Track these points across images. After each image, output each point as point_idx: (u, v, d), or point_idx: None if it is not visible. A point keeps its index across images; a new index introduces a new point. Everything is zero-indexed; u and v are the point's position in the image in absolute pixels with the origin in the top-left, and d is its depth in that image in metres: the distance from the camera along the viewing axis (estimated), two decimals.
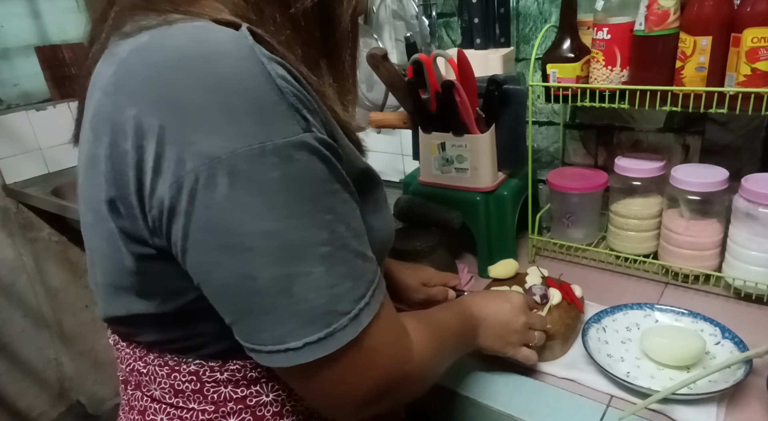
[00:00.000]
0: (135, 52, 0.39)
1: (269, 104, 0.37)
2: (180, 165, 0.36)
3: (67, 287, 1.85)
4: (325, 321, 0.39)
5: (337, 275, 0.39)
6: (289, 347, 0.39)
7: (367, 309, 0.41)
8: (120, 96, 0.39)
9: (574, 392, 0.71)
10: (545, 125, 1.13)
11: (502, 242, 0.98)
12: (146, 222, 0.40)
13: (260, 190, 0.37)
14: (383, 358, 0.43)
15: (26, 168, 1.71)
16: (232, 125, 0.36)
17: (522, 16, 1.07)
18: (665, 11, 0.76)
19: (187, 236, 0.38)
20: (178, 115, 0.37)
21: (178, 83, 0.37)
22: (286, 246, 0.38)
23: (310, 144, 0.38)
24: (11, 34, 1.74)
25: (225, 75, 0.37)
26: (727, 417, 0.65)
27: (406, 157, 1.43)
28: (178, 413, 0.50)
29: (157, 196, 0.38)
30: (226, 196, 0.36)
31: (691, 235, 0.88)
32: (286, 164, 0.37)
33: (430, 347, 0.49)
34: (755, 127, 0.91)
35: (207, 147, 0.36)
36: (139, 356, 0.51)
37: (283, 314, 0.38)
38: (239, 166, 0.36)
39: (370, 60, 0.84)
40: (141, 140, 0.38)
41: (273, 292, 0.38)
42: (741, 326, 0.75)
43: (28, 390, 1.85)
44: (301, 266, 0.38)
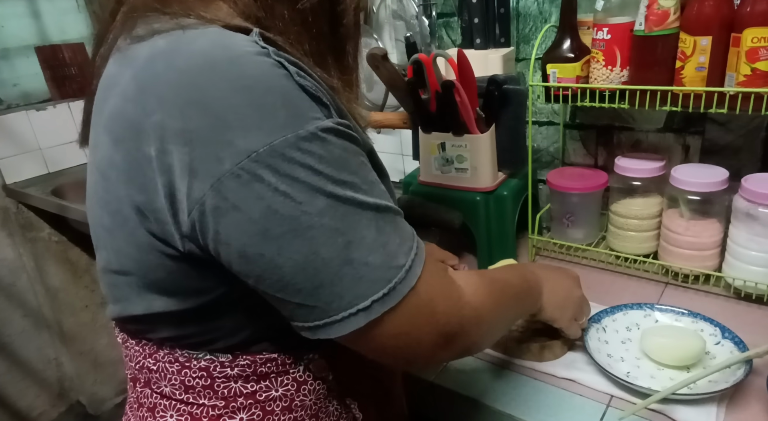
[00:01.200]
0: (158, 58, 0.40)
1: (295, 98, 0.40)
2: (218, 164, 0.38)
3: (67, 287, 1.85)
4: (386, 277, 0.42)
5: (386, 233, 0.42)
6: (360, 308, 0.41)
7: (417, 259, 0.44)
8: (144, 101, 0.40)
9: (574, 392, 0.71)
10: (545, 125, 1.13)
11: (502, 242, 0.98)
12: (178, 226, 0.41)
13: (303, 173, 0.39)
14: (440, 303, 0.46)
15: (26, 168, 1.71)
16: (265, 121, 0.38)
17: (522, 16, 1.07)
18: (665, 11, 0.76)
19: (243, 230, 0.39)
20: (210, 118, 0.38)
21: (209, 87, 0.38)
22: (339, 217, 0.40)
23: (335, 128, 0.41)
24: (11, 34, 1.74)
25: (252, 76, 0.39)
26: (727, 417, 0.65)
27: (406, 157, 1.43)
28: (188, 409, 0.51)
29: (195, 198, 0.39)
30: (274, 184, 0.38)
31: (691, 235, 0.88)
32: (321, 146, 0.40)
33: (482, 296, 0.51)
34: (755, 127, 0.91)
35: (244, 144, 0.38)
36: (149, 354, 0.51)
37: (350, 280, 0.41)
38: (278, 155, 0.38)
39: (370, 60, 0.84)
40: (168, 145, 0.39)
41: (336, 262, 0.40)
42: (741, 326, 0.75)
43: (28, 390, 1.85)
44: (355, 233, 0.41)
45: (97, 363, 1.98)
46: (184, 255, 0.43)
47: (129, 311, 0.49)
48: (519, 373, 0.76)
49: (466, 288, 0.49)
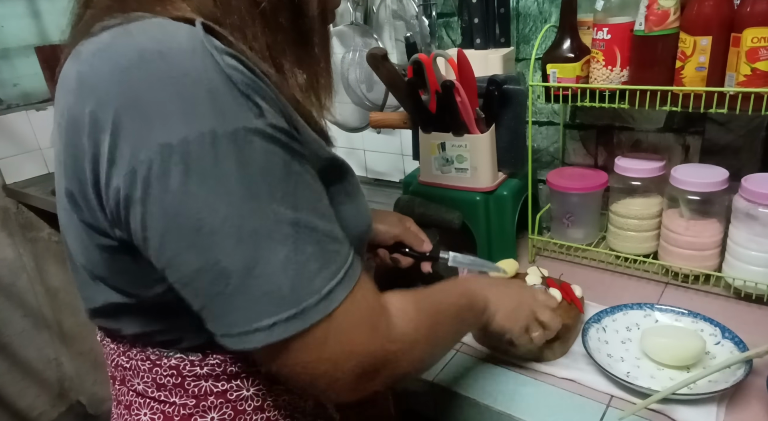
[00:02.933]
0: (98, 53, 0.41)
1: (221, 94, 0.38)
2: (134, 155, 0.37)
3: (67, 287, 1.85)
4: (293, 300, 0.39)
5: (303, 255, 0.40)
6: (258, 327, 0.39)
7: (339, 288, 0.41)
8: (81, 94, 0.40)
9: (574, 392, 0.71)
10: (545, 125, 1.13)
11: (502, 241, 0.98)
12: (105, 214, 0.41)
13: (215, 175, 0.37)
14: (361, 337, 0.43)
15: (26, 168, 1.71)
16: (184, 114, 0.37)
17: (522, 16, 1.07)
18: (665, 11, 0.76)
19: (146, 224, 0.39)
20: (133, 109, 0.38)
21: (136, 79, 0.38)
22: (246, 229, 0.38)
23: (264, 130, 0.39)
24: (11, 34, 1.74)
25: (179, 69, 0.38)
26: (727, 417, 0.65)
27: (406, 157, 1.43)
28: (161, 408, 0.51)
29: (113, 187, 0.39)
30: (181, 183, 0.37)
31: (691, 235, 0.88)
32: (239, 149, 0.38)
33: (417, 325, 0.49)
34: (755, 127, 0.91)
35: (160, 136, 0.37)
36: (123, 351, 0.52)
37: (250, 296, 0.39)
38: (192, 153, 0.37)
39: (370, 60, 0.84)
40: (97, 134, 0.39)
41: (237, 274, 0.38)
42: (741, 326, 0.75)
43: (28, 390, 1.86)
44: (263, 248, 0.38)
45: (97, 363, 1.98)
46: (120, 246, 0.43)
47: (91, 303, 0.50)
48: (519, 373, 0.75)
49: (398, 318, 0.47)
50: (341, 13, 1.32)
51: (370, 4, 1.28)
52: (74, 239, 0.46)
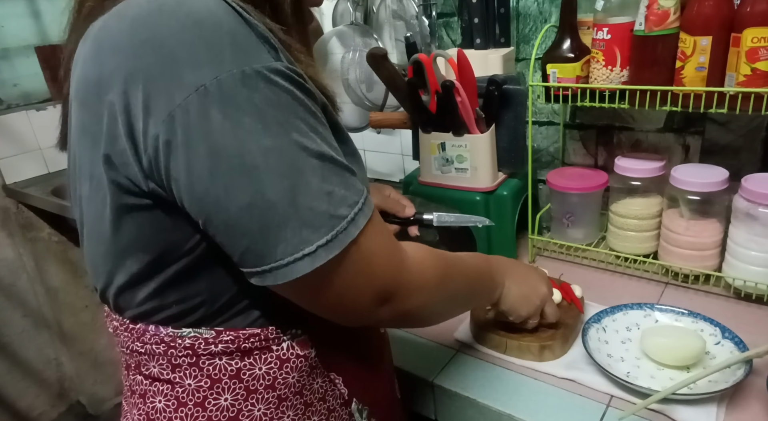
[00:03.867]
0: (109, 17, 0.42)
1: (243, 36, 0.40)
2: (170, 100, 0.39)
3: (67, 287, 1.85)
4: (329, 224, 0.42)
5: (331, 183, 0.42)
6: (305, 253, 0.41)
7: (361, 214, 0.44)
8: (101, 56, 0.41)
9: (574, 392, 0.71)
10: (545, 125, 1.13)
11: (502, 241, 0.98)
12: (140, 166, 0.42)
13: (248, 111, 0.39)
14: (379, 260, 0.46)
15: (26, 168, 1.71)
16: (213, 56, 0.39)
17: (522, 16, 1.07)
18: (665, 11, 0.76)
19: (191, 167, 0.40)
20: (161, 56, 0.39)
21: (159, 26, 0.39)
22: (284, 161, 0.40)
23: (284, 71, 0.41)
24: (11, 34, 1.74)
25: (201, 14, 0.40)
26: (727, 417, 0.65)
27: (406, 157, 1.43)
28: (175, 394, 0.52)
29: (151, 135, 0.40)
30: (219, 121, 0.39)
31: (691, 235, 0.88)
32: (266, 86, 0.40)
33: (427, 266, 0.52)
34: (755, 127, 0.91)
35: (192, 78, 0.38)
36: (137, 337, 0.52)
37: (295, 223, 0.41)
38: (225, 91, 0.39)
39: (370, 60, 0.84)
40: (125, 87, 0.40)
41: (282, 204, 0.40)
42: (741, 326, 0.75)
43: (28, 390, 1.86)
44: (300, 177, 0.41)
45: (97, 363, 1.98)
46: (152, 202, 0.44)
47: (111, 281, 0.50)
48: (519, 373, 0.76)
49: (410, 255, 0.50)
50: (341, 13, 1.32)
51: (370, 4, 1.28)
52: (100, 209, 0.46)
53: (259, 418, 0.53)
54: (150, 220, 0.45)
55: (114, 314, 0.54)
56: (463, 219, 0.84)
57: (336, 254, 0.42)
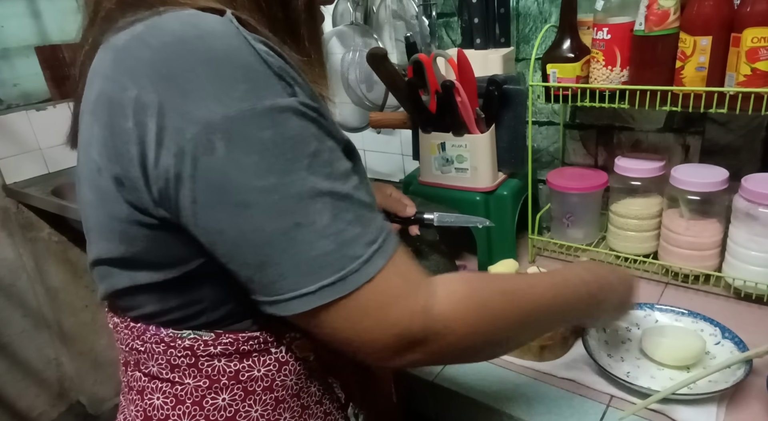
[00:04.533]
0: (134, 39, 0.43)
1: (257, 73, 0.41)
2: (180, 134, 0.39)
3: (67, 287, 1.85)
4: (337, 265, 0.41)
5: (343, 222, 0.42)
6: (305, 292, 0.41)
7: (379, 253, 0.43)
8: (120, 78, 0.42)
9: (574, 392, 0.71)
10: (545, 125, 1.13)
11: (502, 242, 0.98)
12: (150, 194, 0.43)
13: (255, 149, 0.40)
14: (398, 305, 0.43)
15: (26, 168, 1.71)
16: (224, 92, 0.40)
17: (522, 16, 1.07)
18: (665, 11, 0.76)
19: (195, 199, 0.41)
20: (176, 90, 0.40)
21: (177, 61, 0.40)
22: (289, 198, 0.40)
23: (297, 108, 0.42)
24: (11, 34, 1.74)
25: (218, 51, 0.41)
26: (727, 417, 0.65)
27: (406, 157, 1.43)
28: (173, 391, 0.52)
29: (162, 167, 0.41)
30: (225, 157, 0.39)
31: (691, 235, 0.88)
32: (276, 124, 0.40)
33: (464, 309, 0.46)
34: (755, 127, 0.91)
35: (203, 114, 0.39)
36: (137, 335, 0.52)
37: (295, 261, 0.41)
38: (233, 129, 0.39)
39: (370, 60, 0.84)
40: (142, 117, 0.40)
41: (282, 242, 0.41)
42: (741, 326, 0.75)
43: (28, 390, 1.85)
44: (304, 216, 0.41)
45: (97, 363, 1.98)
46: (161, 223, 0.44)
47: (114, 285, 0.50)
48: (519, 373, 0.76)
49: (443, 297, 0.45)
50: (341, 13, 1.32)
51: (370, 4, 1.28)
52: (110, 220, 0.46)
53: (256, 419, 0.53)
54: (158, 236, 0.45)
55: (115, 312, 0.55)
56: (463, 219, 0.84)
57: (344, 294, 0.41)
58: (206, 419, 0.52)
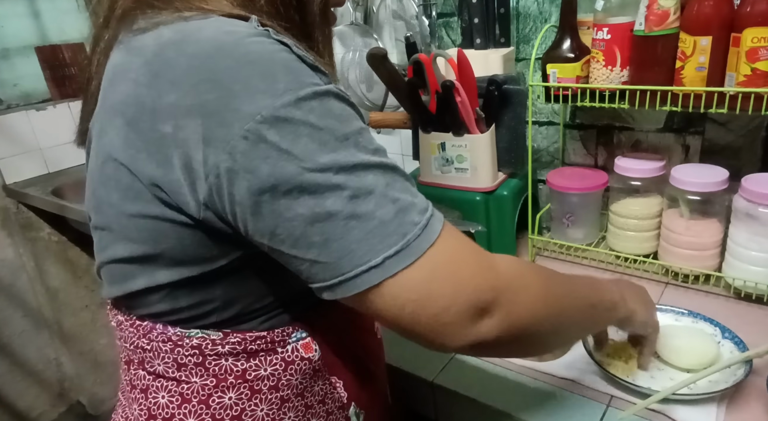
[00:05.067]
0: (168, 46, 0.43)
1: (295, 67, 0.43)
2: (229, 130, 0.40)
3: (67, 287, 1.85)
4: (398, 232, 0.41)
5: (395, 190, 0.43)
6: (371, 265, 0.41)
7: (434, 219, 0.43)
8: (158, 86, 0.43)
9: (574, 392, 0.71)
10: (545, 125, 1.13)
11: (502, 241, 0.98)
12: (195, 195, 0.43)
13: (304, 132, 0.41)
14: (467, 268, 0.43)
15: (26, 168, 1.71)
16: (268, 87, 0.41)
17: (522, 16, 1.07)
18: (665, 11, 0.76)
19: (254, 188, 0.41)
20: (219, 90, 0.41)
21: (217, 65, 0.41)
22: (344, 173, 0.41)
23: (336, 92, 0.44)
24: (11, 34, 1.74)
25: (255, 53, 0.42)
26: (727, 417, 0.65)
27: (406, 157, 1.43)
28: (179, 390, 0.52)
29: (210, 164, 0.41)
30: (278, 144, 0.40)
31: (691, 235, 0.88)
32: (321, 106, 0.42)
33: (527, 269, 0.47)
34: (755, 127, 0.91)
35: (249, 109, 0.40)
36: (143, 334, 0.52)
37: (358, 234, 0.41)
38: (281, 116, 0.40)
39: (370, 60, 0.84)
40: (182, 121, 0.41)
41: (343, 216, 0.41)
42: (741, 326, 0.75)
43: (28, 390, 1.85)
44: (361, 187, 0.41)
45: (97, 363, 1.98)
46: (197, 223, 0.45)
47: (130, 287, 0.50)
48: (519, 373, 0.76)
49: (499, 257, 0.46)
50: (341, 13, 1.32)
51: (370, 4, 1.28)
52: (134, 218, 0.46)
53: (261, 418, 0.53)
54: (191, 235, 0.46)
55: (120, 309, 0.55)
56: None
57: (410, 262, 0.41)
58: (212, 417, 0.52)
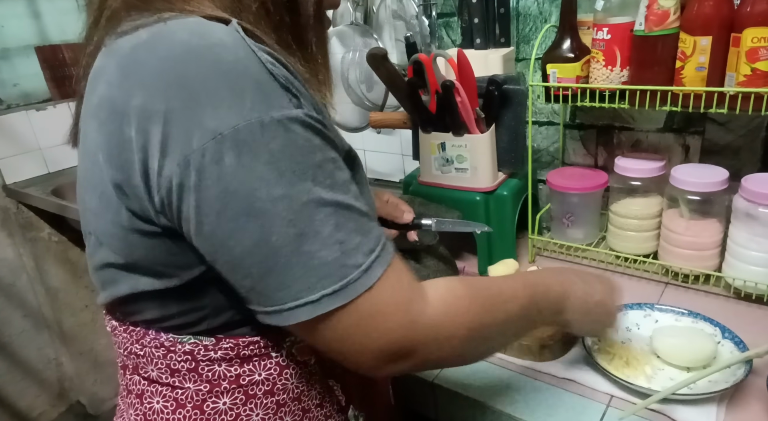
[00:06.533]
0: (140, 47, 0.42)
1: (265, 85, 0.41)
2: (187, 144, 0.39)
3: (67, 287, 1.85)
4: (339, 274, 0.41)
5: (345, 231, 0.42)
6: (308, 301, 0.41)
7: (378, 262, 0.43)
8: (127, 86, 0.42)
9: (574, 392, 0.71)
10: (545, 125, 1.13)
11: (502, 242, 0.98)
12: (152, 203, 0.43)
13: (263, 159, 0.40)
14: (394, 313, 0.44)
15: (26, 168, 1.71)
16: (234, 103, 0.40)
17: (522, 16, 1.07)
18: (665, 11, 0.76)
19: (200, 208, 0.40)
20: (184, 99, 0.40)
21: (185, 71, 0.40)
22: (294, 208, 0.40)
23: (303, 119, 0.42)
24: (11, 34, 1.74)
25: (226, 62, 0.41)
26: (727, 417, 0.65)
27: (406, 157, 1.43)
28: (173, 395, 0.52)
29: (164, 176, 0.40)
30: (234, 167, 0.39)
31: (691, 235, 0.88)
32: (284, 135, 0.41)
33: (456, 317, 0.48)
34: (755, 127, 0.91)
35: (211, 124, 0.39)
36: (136, 339, 0.52)
37: (299, 271, 0.41)
38: (242, 139, 0.39)
39: (370, 60, 0.84)
40: (146, 125, 0.40)
41: (287, 251, 0.41)
42: (741, 326, 0.75)
43: (28, 390, 1.86)
44: (310, 225, 0.41)
45: (97, 363, 1.98)
46: (163, 231, 0.44)
47: (116, 293, 0.50)
48: (519, 373, 0.76)
49: (435, 304, 0.46)
50: (341, 13, 1.32)
51: (370, 4, 1.28)
52: (112, 227, 0.46)
53: None
54: (160, 244, 0.45)
55: (114, 315, 0.54)
56: (461, 225, 0.84)
57: (342, 303, 0.42)
58: None
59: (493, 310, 0.51)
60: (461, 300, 0.49)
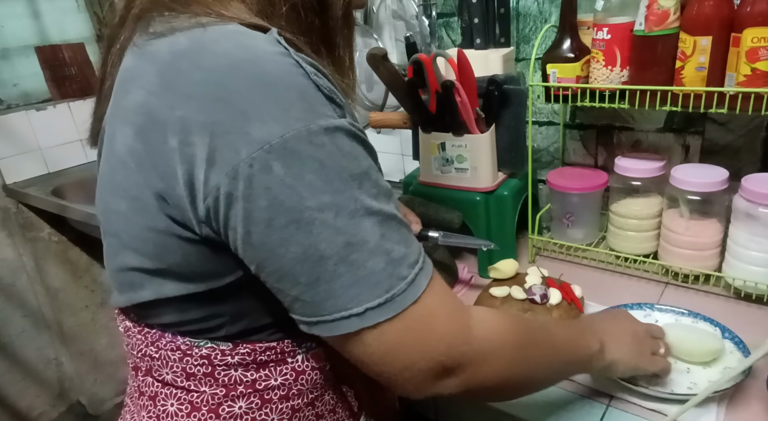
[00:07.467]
0: (182, 56, 0.42)
1: (310, 96, 0.41)
2: (235, 154, 0.39)
3: (67, 287, 1.85)
4: (385, 286, 0.41)
5: (390, 241, 0.42)
6: (353, 313, 0.41)
7: (422, 273, 0.43)
8: (170, 97, 0.42)
9: (574, 392, 0.71)
10: (545, 125, 1.13)
11: (502, 242, 0.98)
12: (195, 212, 0.42)
13: (311, 168, 0.40)
14: (441, 325, 0.43)
15: (26, 168, 1.71)
16: (281, 114, 0.40)
17: (522, 16, 1.07)
18: (665, 11, 0.76)
19: (249, 218, 0.40)
20: (231, 112, 0.40)
21: (231, 84, 0.40)
22: (342, 217, 0.40)
23: (348, 128, 0.42)
24: (11, 34, 1.74)
25: (271, 73, 0.41)
26: (727, 417, 0.65)
27: (406, 157, 1.43)
28: (188, 398, 0.52)
29: (211, 186, 0.40)
30: (283, 176, 0.39)
31: (691, 235, 0.88)
32: (331, 144, 0.41)
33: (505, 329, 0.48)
34: (755, 127, 0.91)
35: (259, 135, 0.39)
36: (151, 342, 0.52)
37: (346, 281, 0.40)
38: (290, 148, 0.39)
39: (370, 60, 0.84)
40: (191, 137, 0.40)
41: (335, 260, 0.40)
42: (741, 326, 0.75)
43: (28, 390, 1.85)
44: (356, 235, 0.41)
45: (97, 363, 1.98)
46: (201, 239, 0.44)
47: (137, 298, 0.50)
48: None
49: (478, 318, 0.46)
50: None
51: (370, 4, 1.28)
52: (141, 230, 0.46)
53: None
54: (197, 251, 0.45)
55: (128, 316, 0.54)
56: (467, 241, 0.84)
57: (390, 316, 0.41)
58: None
59: (536, 334, 0.52)
60: (506, 318, 0.49)
